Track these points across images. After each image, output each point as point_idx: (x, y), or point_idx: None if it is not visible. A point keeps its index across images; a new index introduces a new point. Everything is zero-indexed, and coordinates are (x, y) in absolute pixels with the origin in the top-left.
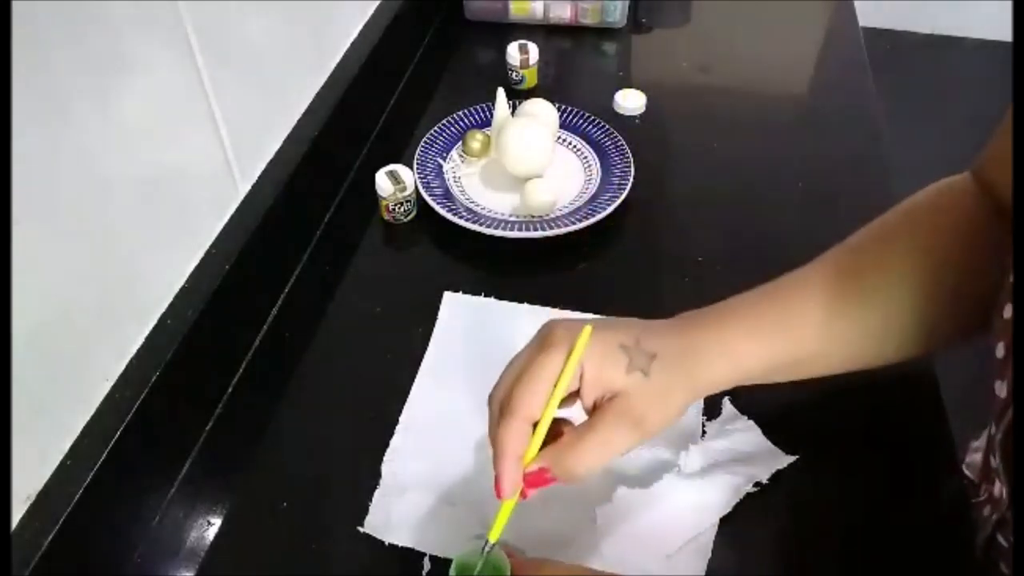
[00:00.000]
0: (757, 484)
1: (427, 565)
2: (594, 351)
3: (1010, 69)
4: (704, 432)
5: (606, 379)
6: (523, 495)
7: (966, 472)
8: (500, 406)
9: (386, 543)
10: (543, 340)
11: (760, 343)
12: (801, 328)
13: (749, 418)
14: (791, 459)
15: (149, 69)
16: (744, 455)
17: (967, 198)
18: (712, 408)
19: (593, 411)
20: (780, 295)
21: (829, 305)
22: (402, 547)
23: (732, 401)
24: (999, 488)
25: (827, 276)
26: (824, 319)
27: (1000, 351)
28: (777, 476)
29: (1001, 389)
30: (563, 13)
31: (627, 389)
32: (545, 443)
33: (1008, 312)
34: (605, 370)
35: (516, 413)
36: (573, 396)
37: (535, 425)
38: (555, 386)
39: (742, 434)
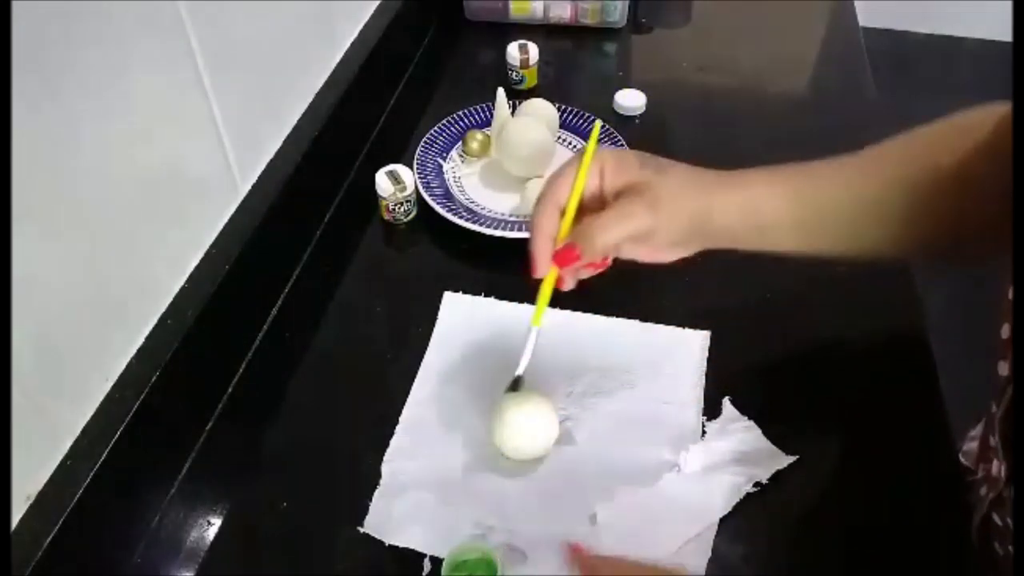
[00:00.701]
0: (757, 484)
1: (427, 566)
2: (611, 156)
3: (1010, 69)
4: (704, 432)
5: (621, 174)
6: (560, 283)
7: (962, 460)
8: (535, 205)
9: (386, 544)
10: (568, 159)
11: (773, 186)
12: (814, 190)
13: (749, 418)
14: (791, 459)
15: (149, 69)
16: (744, 455)
17: (981, 137)
18: (712, 408)
19: None
20: (804, 167)
21: (844, 182)
22: (402, 547)
23: (732, 401)
24: (996, 467)
25: (839, 164)
26: (846, 195)
27: (1005, 332)
28: (777, 476)
29: (1003, 368)
30: (563, 13)
31: (642, 179)
32: None
33: (1011, 295)
34: (621, 166)
35: (545, 201)
36: (598, 200)
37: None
38: (577, 176)
39: (742, 434)
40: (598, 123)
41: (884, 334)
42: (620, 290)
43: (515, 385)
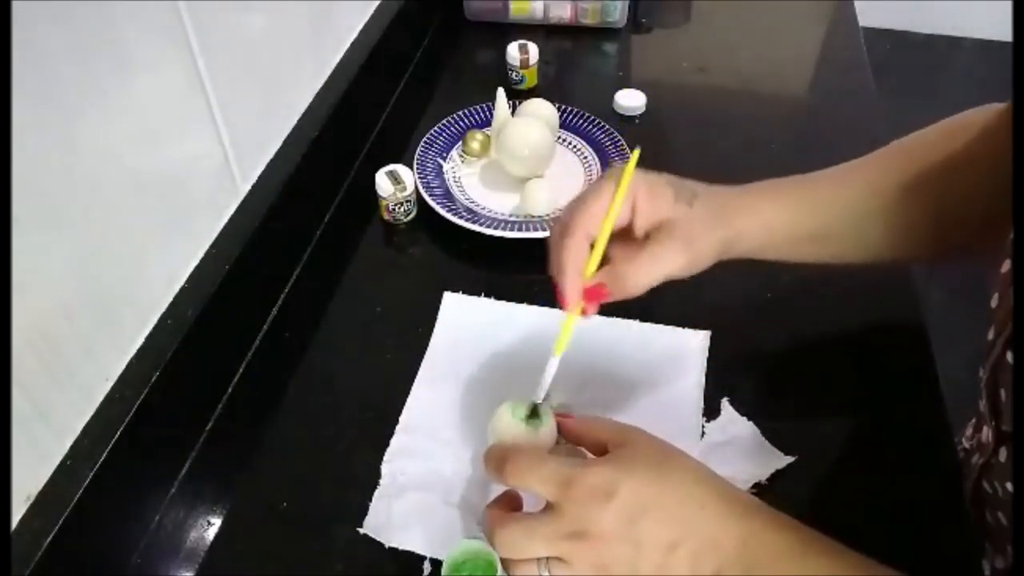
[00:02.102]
0: (756, 485)
1: (427, 568)
2: (644, 185)
3: (1010, 69)
4: (704, 433)
5: (655, 208)
6: (584, 312)
7: (964, 443)
8: (561, 229)
9: (386, 545)
10: (599, 177)
11: (783, 205)
12: (819, 204)
13: (748, 419)
14: (790, 459)
15: (149, 69)
16: (743, 456)
17: (975, 131)
18: (712, 409)
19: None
20: (807, 180)
21: (846, 194)
22: (402, 548)
23: (731, 402)
24: (986, 433)
25: (844, 173)
26: (837, 203)
27: (994, 301)
28: (776, 476)
29: (990, 333)
30: (563, 13)
31: (675, 216)
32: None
33: (1005, 267)
34: (654, 200)
35: (575, 230)
36: (627, 231)
37: (592, 247)
38: (610, 207)
39: (741, 435)
40: (637, 151)
41: (884, 335)
42: None
43: (533, 412)
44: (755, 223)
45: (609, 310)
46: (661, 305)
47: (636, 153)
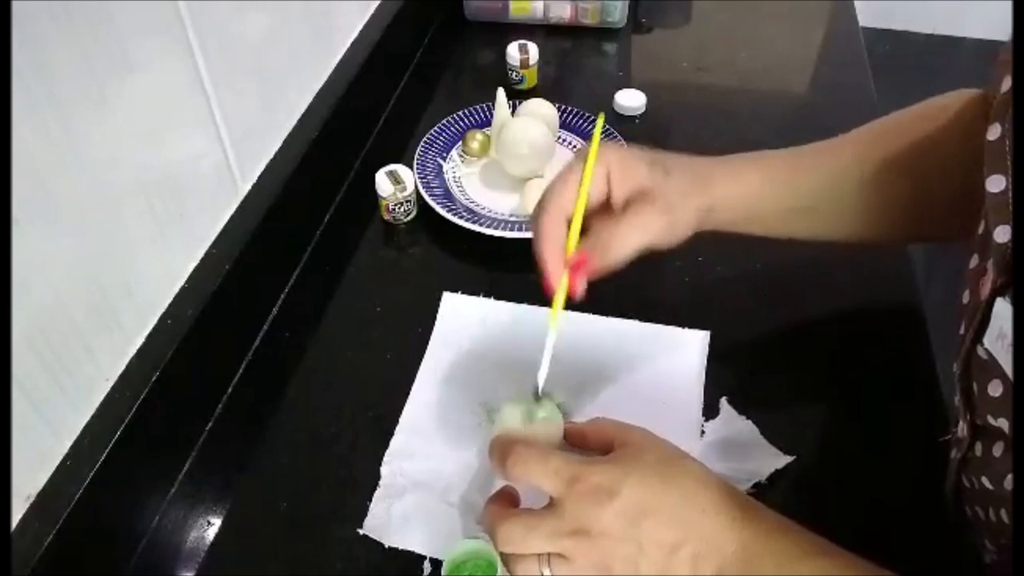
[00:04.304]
0: (756, 484)
1: (427, 568)
2: (616, 158)
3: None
4: (703, 432)
5: (630, 178)
6: (572, 291)
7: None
8: (537, 210)
9: (386, 546)
10: (572, 158)
11: (764, 176)
12: (797, 176)
13: (748, 418)
14: (790, 459)
15: (149, 69)
16: (743, 455)
17: (950, 115)
18: (711, 408)
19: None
20: (789, 154)
21: (827, 166)
22: (402, 548)
23: (730, 401)
24: (962, 428)
25: (826, 147)
26: (817, 174)
27: (966, 297)
28: (776, 476)
29: (961, 327)
30: (563, 13)
31: (652, 183)
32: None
33: (974, 262)
34: (628, 170)
35: (550, 208)
36: (607, 206)
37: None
38: (582, 180)
39: (741, 434)
40: (601, 116)
41: (885, 335)
42: (620, 290)
43: (536, 394)
44: (734, 191)
45: (609, 310)
46: (661, 305)
47: (601, 118)
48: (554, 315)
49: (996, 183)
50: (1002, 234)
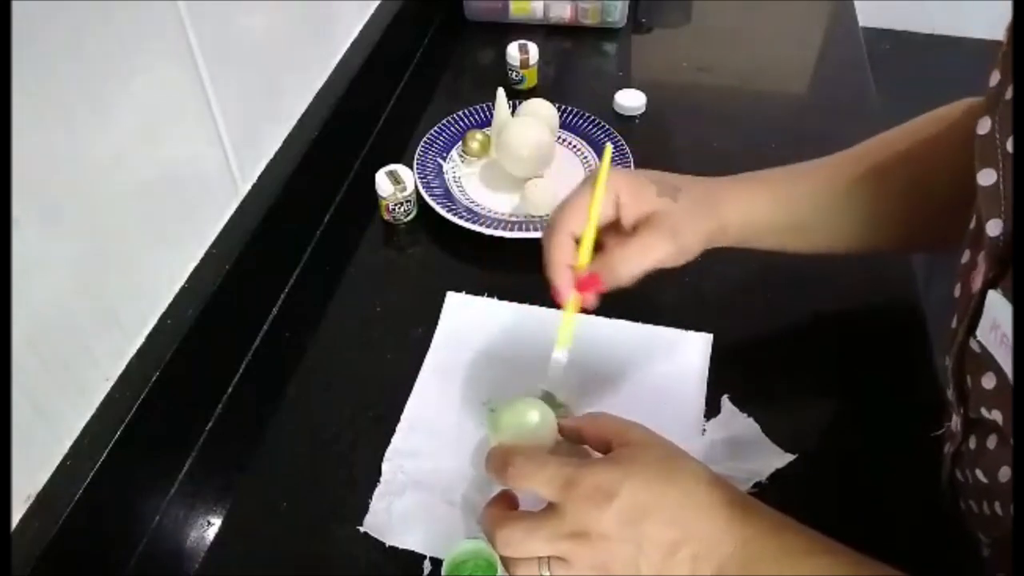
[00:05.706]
0: (757, 483)
1: (427, 567)
2: (626, 182)
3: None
4: (704, 431)
5: (640, 201)
6: (583, 305)
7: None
8: (547, 229)
9: (387, 545)
10: (582, 180)
11: (761, 199)
12: (793, 197)
13: (749, 417)
14: (791, 458)
15: (149, 69)
16: (744, 454)
17: (947, 125)
18: (712, 407)
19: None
20: (788, 172)
21: (818, 186)
22: (402, 548)
23: (731, 399)
24: (955, 421)
25: (818, 167)
26: (810, 195)
27: (957, 291)
28: (777, 475)
29: (953, 321)
30: (563, 13)
31: (660, 208)
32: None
33: (965, 257)
34: (638, 194)
35: (559, 228)
36: (618, 226)
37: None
38: (591, 203)
39: (742, 432)
40: (609, 147)
41: (885, 335)
42: (621, 292)
43: (547, 397)
44: (736, 215)
45: (611, 312)
46: (661, 305)
47: (608, 149)
48: (562, 334)
49: (987, 176)
50: (994, 227)
